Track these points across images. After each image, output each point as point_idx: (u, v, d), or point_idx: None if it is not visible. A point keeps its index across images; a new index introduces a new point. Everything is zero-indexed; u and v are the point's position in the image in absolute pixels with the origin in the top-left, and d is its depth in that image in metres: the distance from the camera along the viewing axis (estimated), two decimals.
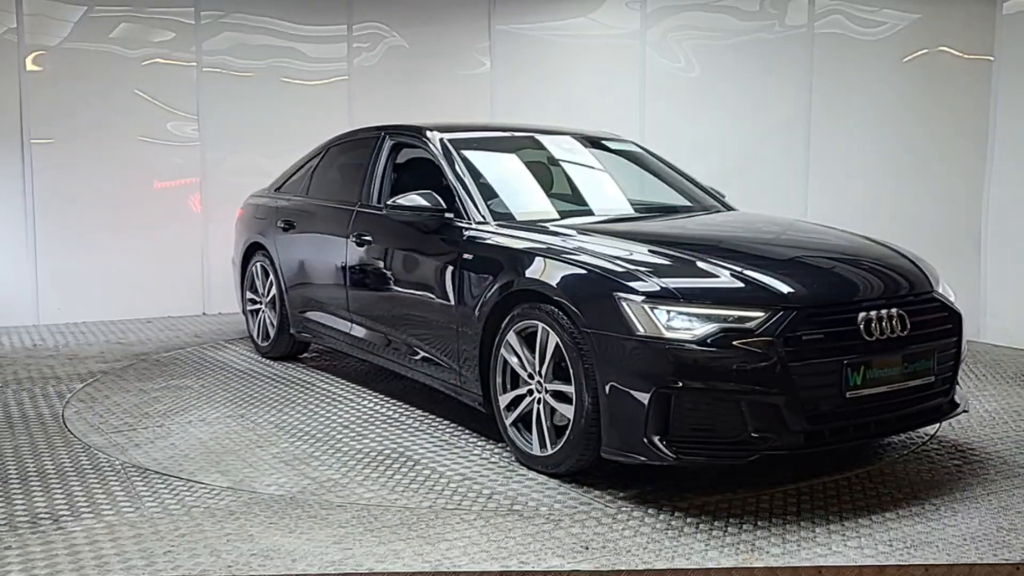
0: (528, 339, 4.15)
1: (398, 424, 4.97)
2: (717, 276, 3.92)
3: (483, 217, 4.75)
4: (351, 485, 4.03)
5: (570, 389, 3.92)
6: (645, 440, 3.67)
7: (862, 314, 3.82)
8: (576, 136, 5.82)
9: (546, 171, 5.52)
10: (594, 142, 5.84)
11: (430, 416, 5.10)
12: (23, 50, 7.86)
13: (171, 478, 4.11)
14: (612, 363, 3.75)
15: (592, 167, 5.66)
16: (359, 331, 5.55)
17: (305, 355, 6.65)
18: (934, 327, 4.09)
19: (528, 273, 4.18)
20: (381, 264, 5.32)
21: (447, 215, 4.82)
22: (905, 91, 7.62)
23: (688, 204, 5.52)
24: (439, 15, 9.04)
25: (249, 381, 5.97)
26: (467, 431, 4.81)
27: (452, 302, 4.66)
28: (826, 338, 3.74)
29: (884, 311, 3.88)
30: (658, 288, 3.76)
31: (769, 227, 5.01)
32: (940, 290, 4.30)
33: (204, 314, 8.56)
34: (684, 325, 3.67)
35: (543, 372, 4.08)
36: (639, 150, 5.99)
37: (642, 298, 3.74)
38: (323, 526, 3.55)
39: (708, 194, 5.68)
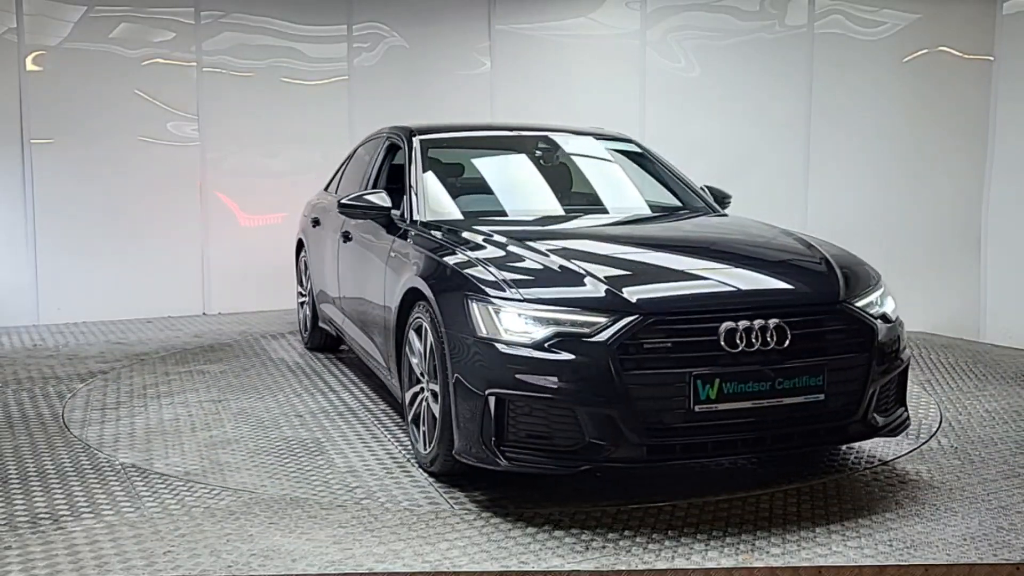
0: (424, 338, 4.15)
1: (348, 416, 5.11)
2: (572, 280, 3.79)
3: (418, 217, 4.82)
4: (236, 471, 4.22)
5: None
6: (483, 444, 3.63)
7: (726, 324, 3.58)
8: (571, 135, 5.81)
9: (518, 171, 5.56)
10: (588, 141, 5.82)
11: (391, 412, 5.18)
12: (23, 50, 7.87)
13: (171, 478, 4.11)
14: (459, 364, 3.73)
15: (569, 167, 5.61)
16: (347, 325, 5.73)
17: (344, 346, 6.65)
18: (828, 340, 3.79)
19: (417, 273, 4.23)
20: (354, 260, 5.51)
21: (394, 213, 4.95)
22: (905, 91, 7.62)
23: (668, 205, 5.38)
24: (439, 15, 9.05)
25: (264, 371, 6.18)
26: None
27: (383, 299, 4.78)
28: (674, 347, 3.55)
29: (756, 321, 3.60)
30: (504, 290, 3.71)
31: (706, 231, 4.84)
32: (866, 301, 3.96)
33: (204, 314, 8.56)
34: (522, 328, 3.61)
35: (427, 370, 4.08)
36: (631, 149, 5.85)
37: (486, 299, 3.71)
38: (323, 526, 3.55)
39: (697, 195, 5.47)
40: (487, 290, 3.74)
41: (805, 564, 3.24)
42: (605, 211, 5.28)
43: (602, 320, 3.55)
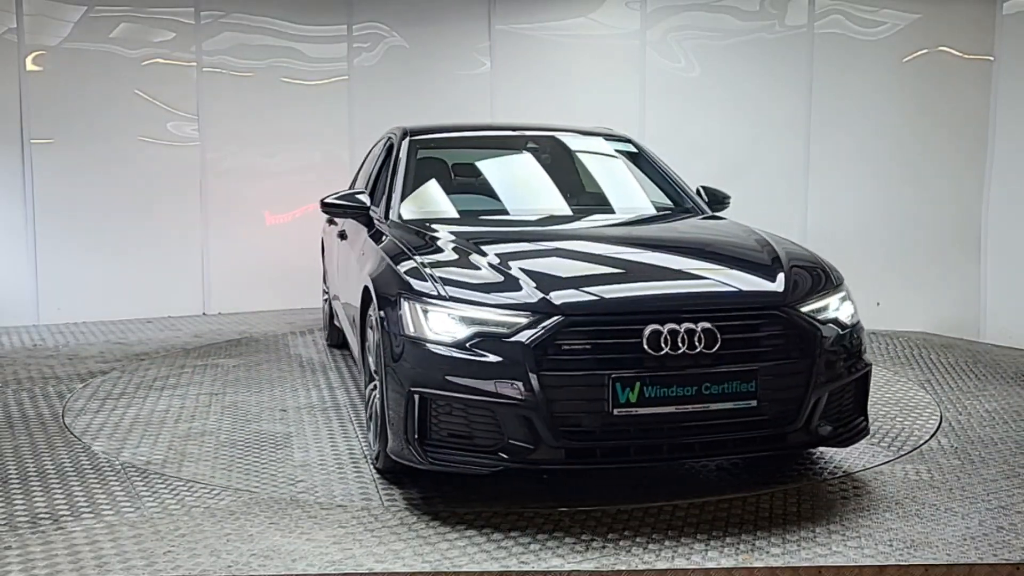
0: (375, 336, 4.18)
1: (330, 412, 5.20)
2: (504, 282, 3.77)
3: (392, 215, 4.84)
4: (194, 462, 4.36)
5: None
6: (407, 442, 3.66)
7: (651, 327, 3.52)
8: (566, 135, 5.82)
9: (504, 171, 5.58)
10: (583, 140, 5.82)
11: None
12: (23, 50, 7.87)
13: (171, 478, 4.11)
14: (390, 362, 3.76)
15: (555, 167, 5.60)
16: (342, 321, 5.83)
17: None
18: (764, 346, 3.68)
19: (369, 271, 4.26)
20: (342, 258, 5.63)
21: (374, 211, 5.00)
22: (905, 91, 7.62)
23: (645, 206, 5.32)
24: (439, 15, 9.04)
25: (275, 366, 6.36)
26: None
27: (353, 297, 4.84)
28: (594, 349, 3.52)
29: (684, 325, 3.53)
30: (433, 290, 3.73)
31: (669, 233, 4.79)
32: (815, 306, 3.83)
33: (204, 314, 8.56)
34: (447, 328, 3.62)
35: (378, 368, 4.10)
36: (626, 149, 5.78)
37: (416, 298, 3.73)
38: (323, 526, 3.55)
39: (687, 196, 5.34)
40: (419, 290, 3.77)
41: (805, 564, 3.24)
42: (584, 211, 5.22)
43: (522, 321, 3.54)
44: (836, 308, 3.95)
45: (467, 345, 3.56)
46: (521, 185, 5.52)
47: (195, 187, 8.55)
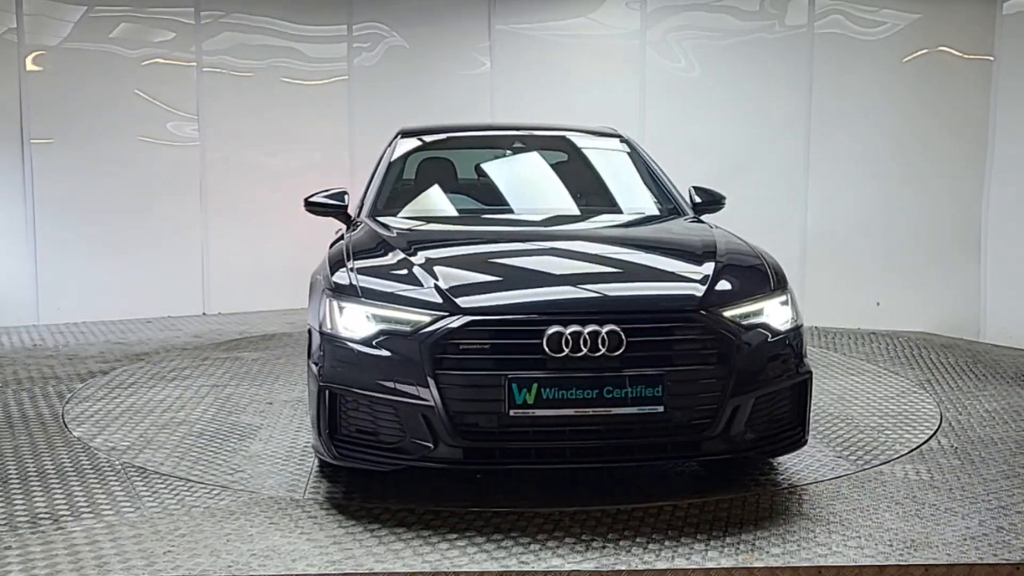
0: None
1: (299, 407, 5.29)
2: (416, 280, 3.77)
3: (362, 215, 4.89)
4: (154, 449, 4.54)
5: None
6: (319, 436, 3.73)
7: (553, 328, 3.47)
8: (557, 135, 5.83)
9: (483, 171, 5.57)
10: (576, 139, 5.78)
11: None
12: (23, 50, 7.87)
13: (171, 478, 4.11)
14: (312, 358, 3.84)
15: (539, 168, 5.59)
16: None
17: None
18: (675, 350, 3.61)
19: (321, 267, 4.30)
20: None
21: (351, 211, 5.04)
22: (905, 91, 7.62)
23: (616, 207, 5.20)
24: (439, 15, 9.05)
25: (292, 361, 6.46)
26: None
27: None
28: (492, 350, 3.52)
29: (588, 327, 3.47)
30: (349, 287, 3.79)
31: (615, 234, 4.70)
32: (740, 311, 3.72)
33: (204, 314, 8.56)
34: (357, 325, 3.67)
35: None
36: (613, 148, 5.69)
37: (335, 295, 3.78)
38: (323, 526, 3.55)
39: (670, 196, 5.18)
40: (339, 287, 3.82)
41: (805, 564, 3.24)
42: (556, 210, 5.14)
43: (425, 319, 3.56)
44: (768, 313, 3.80)
45: (373, 343, 3.60)
46: (499, 184, 5.50)
47: (195, 187, 8.55)
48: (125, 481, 4.07)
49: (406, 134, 5.60)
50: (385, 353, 3.57)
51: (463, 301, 3.60)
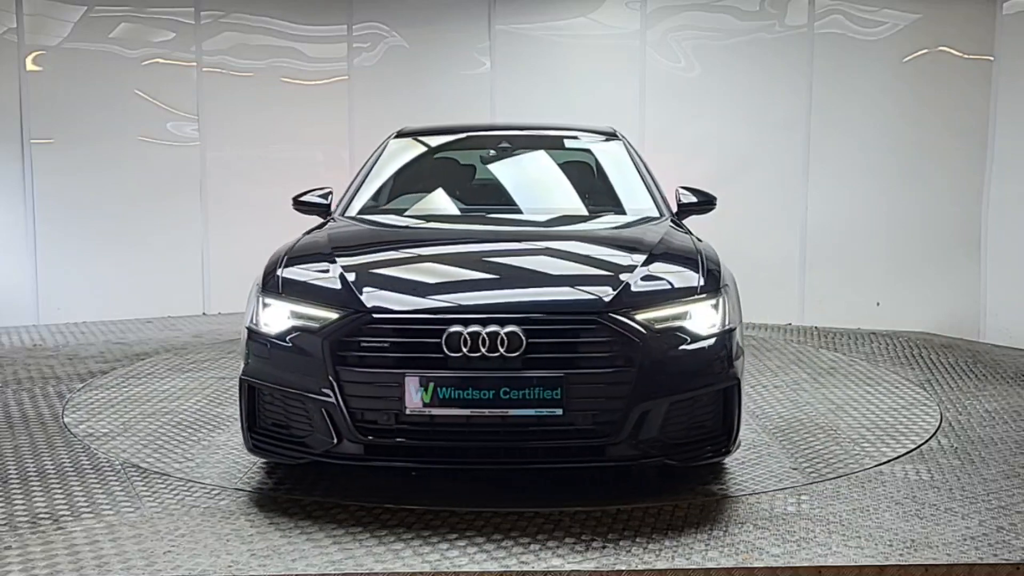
0: None
1: None
2: (335, 279, 3.83)
3: (336, 214, 4.98)
4: (127, 436, 4.75)
5: None
6: (241, 428, 3.87)
7: (453, 328, 3.49)
8: (547, 134, 5.88)
9: (463, 171, 5.63)
10: (565, 140, 5.84)
11: None
12: (23, 50, 7.86)
13: (171, 478, 4.11)
14: (242, 351, 3.94)
15: (521, 168, 5.60)
16: None
17: None
18: (578, 352, 3.56)
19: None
20: None
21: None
22: (905, 91, 7.62)
23: (590, 209, 5.09)
24: (439, 15, 9.04)
25: None
26: None
27: None
28: (392, 348, 3.57)
29: (488, 327, 3.47)
30: (274, 284, 3.89)
31: (557, 235, 4.67)
32: (654, 314, 3.63)
33: (204, 314, 8.56)
34: (274, 320, 3.78)
35: None
36: (602, 148, 5.64)
37: (262, 292, 3.90)
38: (323, 526, 3.55)
39: (653, 199, 5.06)
40: (266, 285, 3.92)
41: (805, 564, 3.24)
42: (519, 211, 5.14)
43: (332, 316, 3.63)
44: (692, 317, 3.71)
45: (286, 339, 3.70)
46: (473, 186, 5.49)
47: (195, 187, 8.55)
48: (125, 481, 4.07)
49: (400, 135, 5.68)
50: (295, 349, 3.67)
51: (367, 299, 3.67)
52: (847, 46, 7.82)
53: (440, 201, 5.30)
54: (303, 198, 5.16)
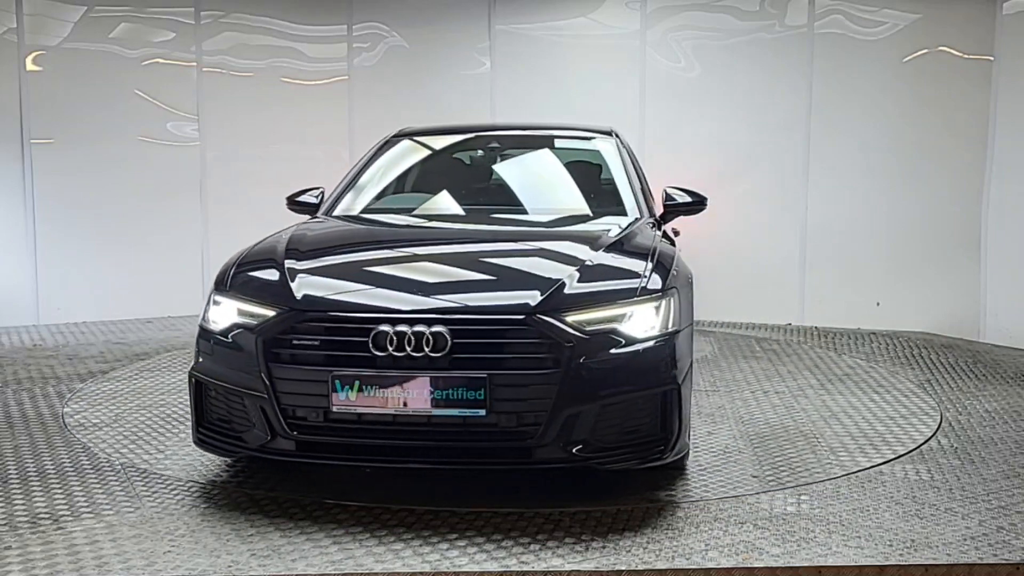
0: None
1: None
2: (278, 277, 3.90)
3: (319, 214, 5.07)
4: (107, 428, 4.88)
5: None
6: (191, 423, 3.93)
7: (381, 327, 3.50)
8: (542, 134, 5.87)
9: (457, 171, 5.68)
10: (557, 140, 5.83)
11: None
12: (23, 50, 7.87)
13: (171, 478, 4.11)
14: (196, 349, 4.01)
15: (508, 169, 5.61)
16: None
17: None
18: (504, 354, 3.53)
19: None
20: None
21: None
22: (905, 91, 7.62)
23: (570, 212, 5.04)
24: (439, 15, 9.04)
25: None
26: None
27: None
28: (321, 346, 3.61)
29: (414, 327, 3.48)
30: (224, 279, 4.00)
31: (511, 235, 4.67)
32: (585, 316, 3.58)
33: None
34: (221, 317, 3.87)
35: None
36: (594, 148, 5.62)
37: (214, 288, 4.01)
38: (323, 526, 3.56)
39: (636, 201, 5.00)
40: (218, 282, 4.03)
41: (805, 564, 3.24)
42: (492, 212, 5.10)
43: (268, 314, 3.70)
44: (630, 319, 3.63)
45: (229, 335, 3.78)
46: (456, 186, 5.46)
47: (195, 187, 8.55)
48: (125, 481, 4.07)
49: (399, 135, 5.72)
50: (235, 345, 3.74)
51: (300, 298, 3.72)
52: (847, 46, 7.82)
53: (417, 202, 5.34)
54: (297, 198, 5.22)
